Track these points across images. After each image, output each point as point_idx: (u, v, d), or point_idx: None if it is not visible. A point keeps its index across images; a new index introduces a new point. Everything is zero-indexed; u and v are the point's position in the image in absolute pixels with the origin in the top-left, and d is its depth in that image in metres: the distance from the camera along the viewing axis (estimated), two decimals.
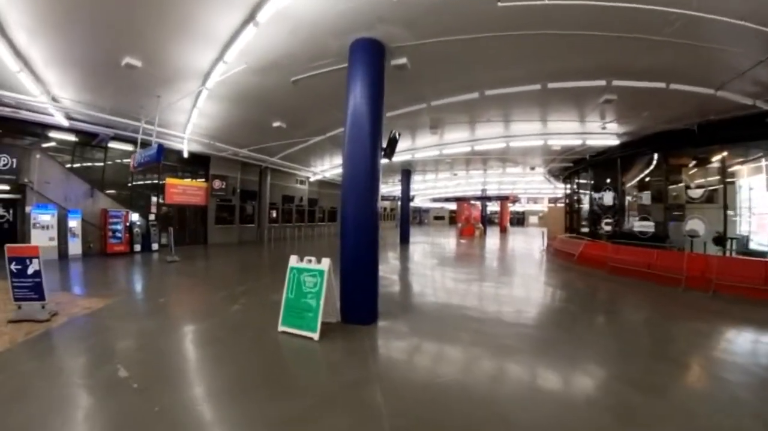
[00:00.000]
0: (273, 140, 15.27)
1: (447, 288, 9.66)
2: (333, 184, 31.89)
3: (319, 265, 5.49)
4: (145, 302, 7.64)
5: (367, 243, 6.08)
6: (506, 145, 15.33)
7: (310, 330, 5.14)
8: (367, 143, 6.09)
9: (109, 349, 4.89)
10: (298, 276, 5.54)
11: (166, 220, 17.96)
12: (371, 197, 6.13)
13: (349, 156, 6.18)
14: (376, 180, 6.24)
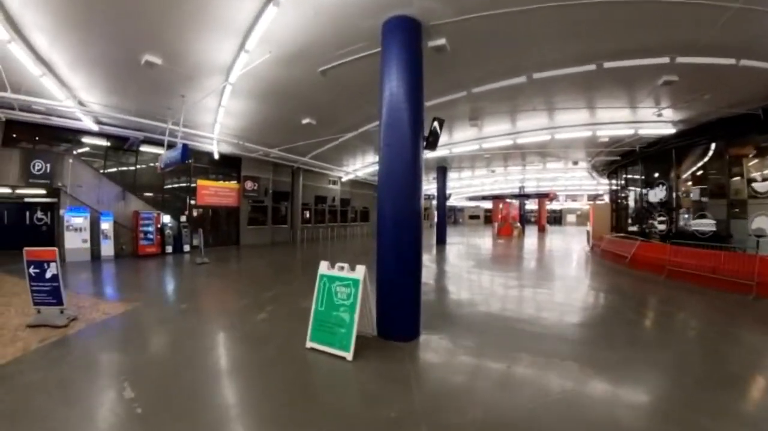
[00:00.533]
0: (303, 139, 14.74)
1: (494, 295, 8.74)
2: (365, 183, 31.39)
3: (353, 273, 4.74)
4: (167, 308, 7.14)
5: (408, 247, 5.24)
6: (551, 137, 14.13)
7: (342, 349, 4.42)
8: (407, 133, 5.25)
9: (121, 362, 4.43)
10: (329, 286, 4.82)
11: (197, 221, 17.82)
12: (413, 195, 5.27)
13: (387, 149, 5.34)
14: (418, 175, 5.36)
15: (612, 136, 14.01)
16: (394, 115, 5.30)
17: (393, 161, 5.27)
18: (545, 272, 12.16)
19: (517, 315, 6.78)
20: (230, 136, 14.45)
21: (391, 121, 5.31)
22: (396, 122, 5.29)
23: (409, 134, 5.23)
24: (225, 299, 8.23)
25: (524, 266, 13.84)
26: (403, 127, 5.26)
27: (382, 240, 5.33)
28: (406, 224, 5.21)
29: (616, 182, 20.09)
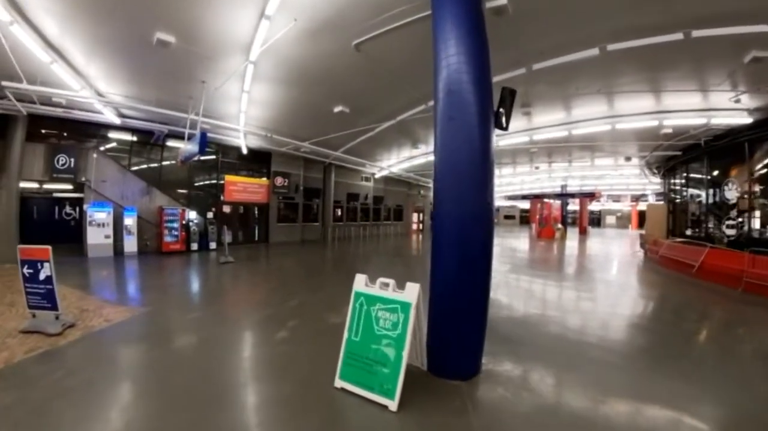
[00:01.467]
0: (335, 130, 13.63)
1: (554, 309, 7.33)
2: (399, 180, 30.26)
3: (402, 294, 3.46)
4: (174, 317, 6.11)
5: (475, 256, 3.80)
6: (611, 127, 12.49)
7: (383, 394, 3.19)
8: (472, 111, 3.80)
9: (107, 389, 3.57)
10: (368, 309, 3.57)
11: (225, 218, 17.09)
12: (483, 185, 3.80)
13: (445, 134, 3.94)
14: (489, 161, 3.91)
15: (678, 126, 12.25)
16: (454, 92, 3.89)
17: (455, 143, 3.89)
18: (604, 282, 10.49)
19: (592, 338, 5.34)
20: (258, 128, 13.51)
21: (450, 100, 3.91)
22: (456, 101, 3.88)
23: (475, 110, 3.82)
24: (243, 307, 7.15)
25: (578, 273, 12.22)
26: (467, 106, 3.84)
27: (438, 246, 3.97)
28: (473, 226, 3.77)
29: (674, 180, 18.23)
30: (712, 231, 13.57)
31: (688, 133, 13.06)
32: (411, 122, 12.09)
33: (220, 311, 6.57)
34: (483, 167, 3.82)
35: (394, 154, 19.92)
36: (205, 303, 7.27)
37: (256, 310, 6.77)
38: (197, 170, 16.57)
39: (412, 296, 3.31)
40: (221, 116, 11.99)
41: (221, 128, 12.78)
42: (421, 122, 12.35)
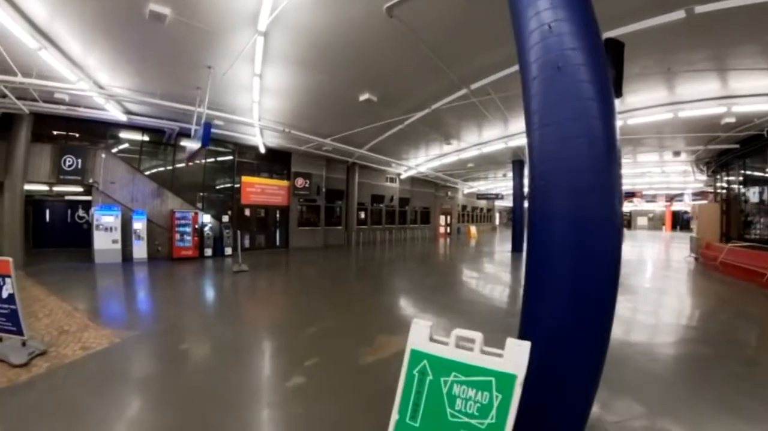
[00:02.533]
0: (360, 124, 12.29)
1: (630, 331, 5.77)
2: (426, 181, 28.85)
3: (500, 359, 1.89)
4: (161, 348, 4.90)
5: (598, 285, 2.35)
6: (673, 115, 10.73)
7: None
8: (583, 77, 2.37)
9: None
10: (435, 380, 2.02)
11: (242, 222, 16.07)
12: (607, 187, 2.38)
13: (545, 109, 2.52)
14: (615, 151, 2.43)
15: (742, 114, 10.47)
16: (552, 56, 2.42)
17: (562, 128, 2.45)
18: (667, 294, 8.87)
19: (697, 372, 3.87)
20: (274, 123, 12.27)
21: (548, 67, 2.47)
22: (560, 64, 2.41)
23: (590, 80, 2.38)
24: (249, 335, 5.75)
25: (634, 285, 10.19)
26: (573, 71, 2.39)
27: (541, 264, 2.56)
28: (591, 247, 2.31)
29: (726, 177, 16.36)
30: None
31: (751, 122, 11.34)
32: (445, 112, 10.71)
33: (219, 341, 5.24)
34: (605, 163, 2.39)
35: (422, 152, 18.34)
36: (202, 328, 5.95)
37: (265, 339, 5.46)
38: (212, 172, 15.62)
39: (517, 363, 1.82)
40: (233, 109, 10.81)
41: (233, 122, 11.58)
42: (455, 113, 10.99)
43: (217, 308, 7.31)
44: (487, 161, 20.52)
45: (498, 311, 7.10)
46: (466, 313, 6.76)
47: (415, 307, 7.32)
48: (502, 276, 11.39)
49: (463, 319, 6.26)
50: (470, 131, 13.86)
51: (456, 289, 9.30)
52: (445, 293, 8.42)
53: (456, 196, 36.45)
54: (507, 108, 10.37)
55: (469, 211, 41.07)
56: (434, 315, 6.45)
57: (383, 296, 8.10)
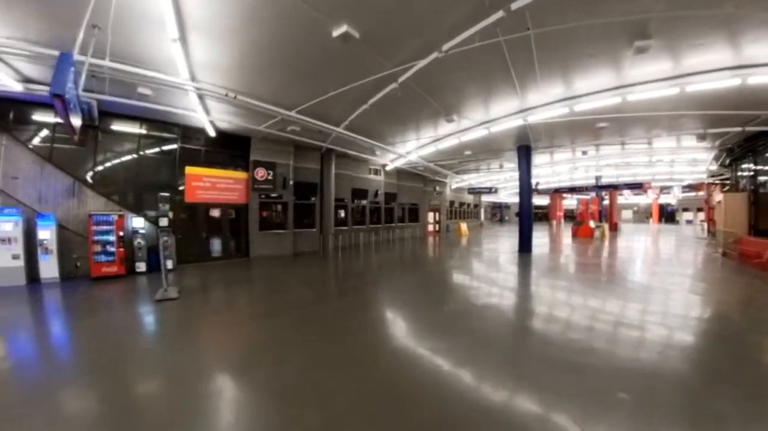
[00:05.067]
0: (335, 83, 9.32)
1: None
2: (414, 174, 26.49)
3: None
4: None
5: None
6: (680, 90, 9.24)
7: None
8: None
9: None
10: None
11: (186, 226, 13.47)
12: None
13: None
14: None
15: None
16: None
17: None
18: (734, 306, 7.06)
19: None
20: (212, 85, 9.32)
21: None
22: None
23: None
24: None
25: (675, 292, 8.58)
26: None
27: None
28: None
29: (753, 165, 15.95)
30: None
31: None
32: (453, 67, 8.27)
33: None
34: None
35: (413, 133, 15.47)
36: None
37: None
38: (148, 162, 12.82)
39: None
40: (150, 62, 8.04)
41: (148, 80, 8.54)
42: (466, 68, 8.58)
43: (92, 386, 4.27)
44: (487, 148, 18.19)
45: None
46: None
47: None
48: (549, 300, 8.40)
49: None
50: (478, 103, 11.31)
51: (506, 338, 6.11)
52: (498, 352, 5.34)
53: (444, 191, 34.53)
54: (542, 55, 7.93)
55: (456, 207, 40.02)
56: None
57: (376, 338, 5.66)
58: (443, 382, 4.11)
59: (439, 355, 4.86)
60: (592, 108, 10.81)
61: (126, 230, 11.34)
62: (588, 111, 11.18)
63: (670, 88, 9.22)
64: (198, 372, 4.41)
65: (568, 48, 7.70)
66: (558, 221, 47.09)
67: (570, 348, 5.06)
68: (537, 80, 9.28)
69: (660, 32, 6.92)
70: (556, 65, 8.58)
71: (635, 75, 9.05)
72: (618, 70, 8.77)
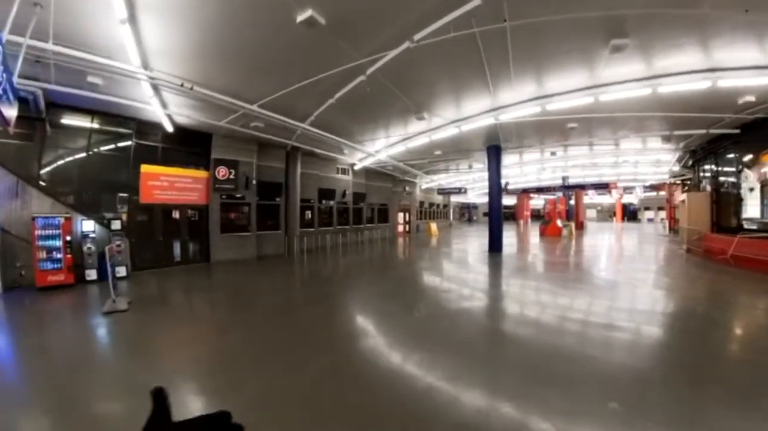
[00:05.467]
0: (300, 74, 8.87)
1: None
2: (383, 173, 26.28)
3: None
4: None
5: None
6: (652, 91, 9.41)
7: None
8: None
9: None
10: None
11: (141, 228, 12.77)
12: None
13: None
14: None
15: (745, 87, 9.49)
16: None
17: None
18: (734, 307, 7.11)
19: None
20: (168, 75, 8.68)
21: None
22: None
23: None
24: None
25: (651, 289, 8.91)
26: None
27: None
28: None
29: (715, 167, 16.79)
30: None
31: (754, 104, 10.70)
32: (426, 59, 8.02)
33: None
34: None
35: (383, 131, 15.23)
36: None
37: None
38: (100, 159, 11.99)
39: None
40: (99, 47, 7.30)
41: (97, 68, 7.88)
42: (439, 61, 8.38)
43: None
44: (458, 148, 18.16)
45: None
46: None
47: None
48: (533, 300, 8.38)
49: None
50: (450, 100, 11.15)
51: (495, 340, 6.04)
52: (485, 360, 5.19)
53: (414, 191, 34.54)
54: (518, 51, 7.75)
55: (426, 207, 40.34)
56: None
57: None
58: (417, 403, 3.80)
59: (412, 371, 4.56)
60: (564, 108, 10.88)
61: (74, 235, 10.59)
62: (560, 111, 11.24)
63: (642, 89, 9.35)
64: (135, 404, 3.93)
65: (544, 44, 7.59)
66: (525, 220, 48.53)
67: (553, 353, 4.86)
68: (511, 78, 9.17)
69: (637, 31, 6.90)
70: (532, 62, 8.49)
71: (609, 75, 9.10)
72: (592, 69, 8.79)
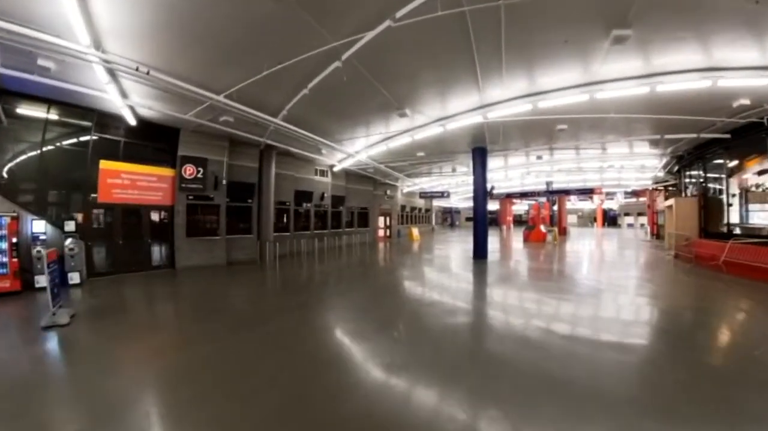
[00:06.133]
0: (270, 59, 8.07)
1: None
2: (364, 176, 25.90)
3: None
4: None
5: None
6: (650, 90, 9.01)
7: None
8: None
9: None
10: None
11: (98, 230, 11.90)
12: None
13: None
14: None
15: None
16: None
17: None
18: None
19: None
20: (122, 58, 7.76)
21: None
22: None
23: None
24: None
25: (644, 297, 8.75)
26: None
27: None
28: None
29: (702, 172, 17.03)
30: None
31: (761, 107, 10.52)
32: (411, 46, 7.52)
33: None
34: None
35: (363, 128, 14.44)
36: None
37: None
38: (55, 153, 11.09)
39: None
40: (46, 24, 6.44)
41: (44, 48, 6.94)
42: (421, 48, 7.77)
43: None
44: (441, 149, 17.70)
45: None
46: None
47: None
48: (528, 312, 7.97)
49: None
50: (434, 95, 10.62)
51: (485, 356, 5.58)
52: None
53: (396, 195, 34.07)
54: (512, 38, 7.22)
55: (408, 211, 39.94)
56: None
57: None
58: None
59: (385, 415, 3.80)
60: (557, 106, 10.36)
61: (23, 236, 9.69)
62: (552, 110, 10.76)
63: (640, 87, 8.91)
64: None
65: (541, 31, 7.03)
66: (508, 225, 48.76)
67: (559, 385, 4.25)
68: (502, 72, 8.66)
69: (640, 21, 6.44)
70: (526, 53, 7.95)
71: (606, 72, 8.68)
72: (589, 64, 8.35)
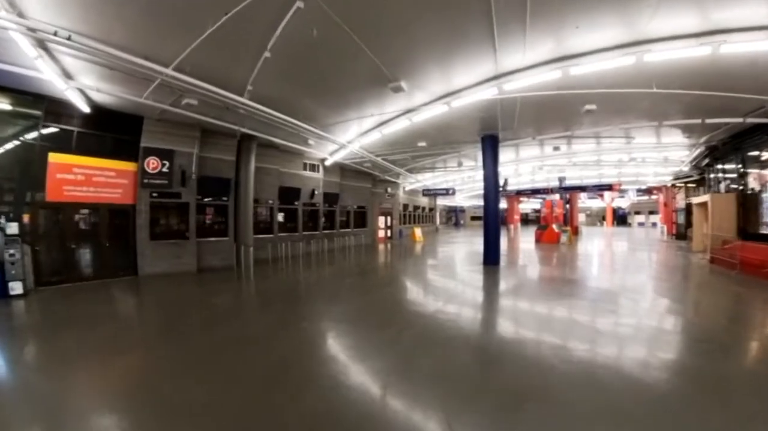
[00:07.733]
0: (214, 9, 6.55)
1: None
2: (361, 172, 24.71)
3: None
4: None
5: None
6: (712, 51, 7.35)
7: None
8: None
9: None
10: None
11: (46, 232, 10.80)
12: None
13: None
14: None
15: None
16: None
17: None
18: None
19: None
20: (40, 22, 6.42)
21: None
22: None
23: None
24: None
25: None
26: None
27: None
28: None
29: (740, 166, 16.05)
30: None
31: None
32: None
33: None
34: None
35: (354, 110, 12.59)
36: None
37: None
38: None
39: None
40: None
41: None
42: None
43: None
44: (445, 137, 16.30)
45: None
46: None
47: None
48: None
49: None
50: (436, 62, 8.98)
51: None
52: None
53: (397, 193, 32.98)
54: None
55: (411, 211, 39.10)
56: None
57: None
58: None
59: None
60: (593, 72, 8.62)
61: None
62: (582, 81, 9.13)
63: (699, 47, 7.30)
64: None
65: None
66: (515, 225, 47.86)
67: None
68: (525, 26, 7.06)
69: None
70: (557, 4, 6.58)
71: (655, 29, 7.21)
72: (635, 20, 6.94)
